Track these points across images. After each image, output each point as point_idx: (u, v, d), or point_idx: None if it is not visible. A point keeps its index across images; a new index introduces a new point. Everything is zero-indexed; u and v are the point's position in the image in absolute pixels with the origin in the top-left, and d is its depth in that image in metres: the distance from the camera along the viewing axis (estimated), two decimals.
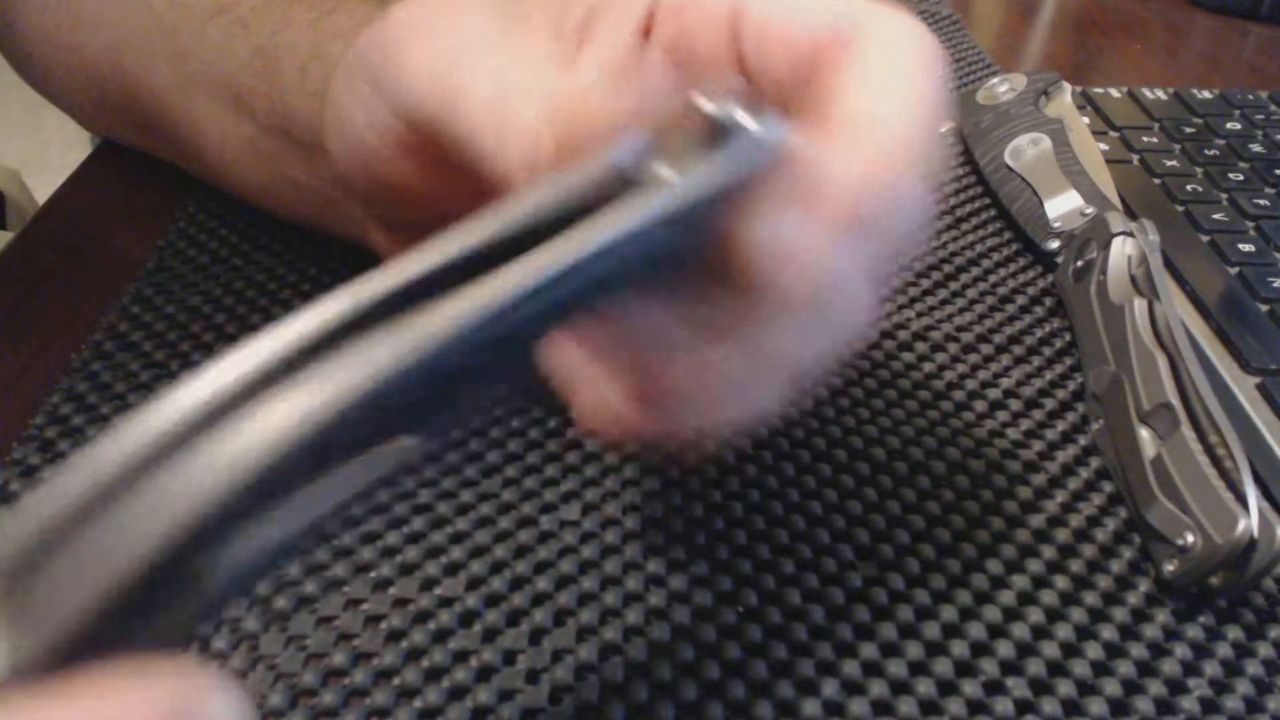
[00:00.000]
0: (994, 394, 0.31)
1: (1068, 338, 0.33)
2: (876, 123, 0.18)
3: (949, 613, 0.24)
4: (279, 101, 0.28)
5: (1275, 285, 0.34)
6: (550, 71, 0.19)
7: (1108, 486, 0.28)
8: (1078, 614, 0.24)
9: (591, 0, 0.22)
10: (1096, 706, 0.22)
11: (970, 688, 0.23)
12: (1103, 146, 0.41)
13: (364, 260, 0.18)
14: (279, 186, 0.30)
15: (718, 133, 0.15)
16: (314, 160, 0.28)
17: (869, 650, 0.23)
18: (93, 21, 0.33)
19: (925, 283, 0.35)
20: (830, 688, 0.22)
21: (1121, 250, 0.31)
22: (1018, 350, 0.33)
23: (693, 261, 0.17)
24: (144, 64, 0.32)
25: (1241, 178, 0.40)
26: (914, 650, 0.23)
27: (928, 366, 0.31)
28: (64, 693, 0.10)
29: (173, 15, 0.31)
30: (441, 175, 0.23)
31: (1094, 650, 0.23)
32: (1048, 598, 0.25)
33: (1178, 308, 0.29)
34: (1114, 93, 0.46)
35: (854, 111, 0.19)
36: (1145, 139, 0.43)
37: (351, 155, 0.24)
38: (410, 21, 0.21)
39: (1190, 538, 0.24)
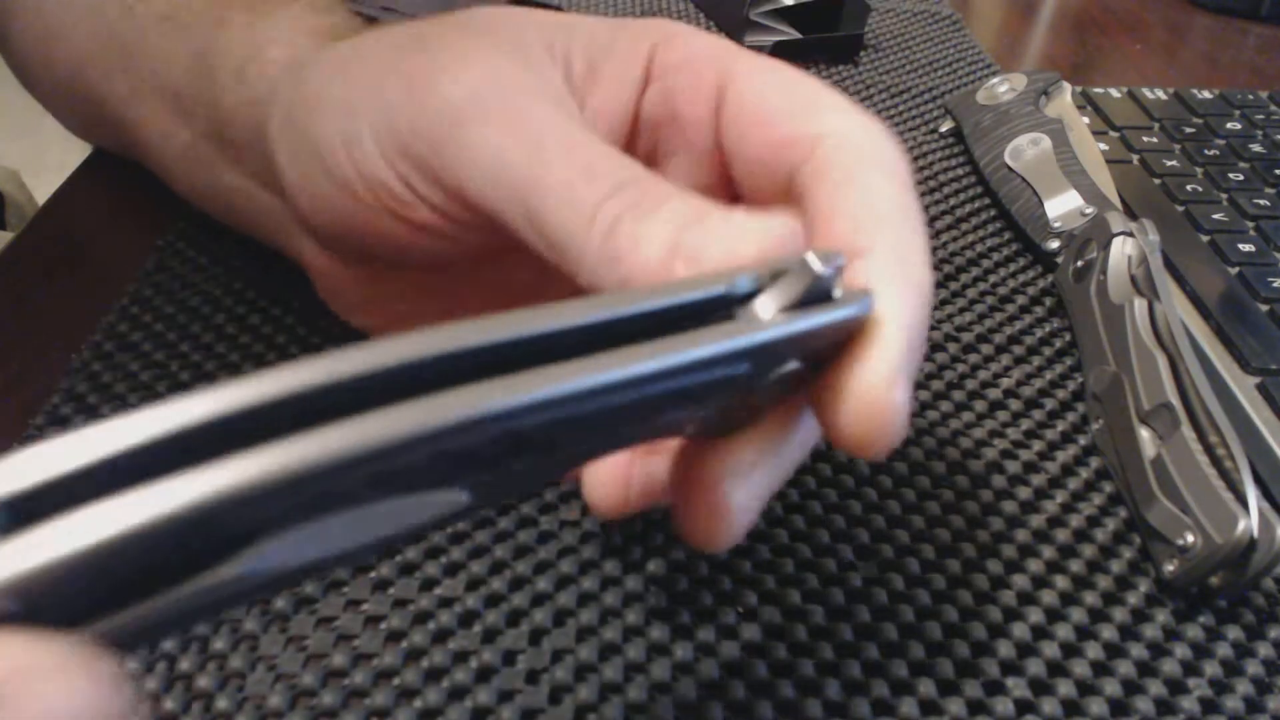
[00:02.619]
0: (994, 394, 0.31)
1: (1068, 338, 0.33)
2: (901, 258, 0.19)
3: (949, 613, 0.24)
4: (213, 105, 0.27)
5: (1275, 285, 0.34)
6: (609, 161, 0.19)
7: (1108, 486, 0.28)
8: (1078, 614, 0.24)
9: (587, 53, 0.22)
10: (1096, 706, 0.22)
11: (970, 688, 0.23)
12: (1103, 146, 0.41)
13: None
14: (215, 193, 0.30)
15: (818, 292, 0.16)
16: (245, 165, 0.27)
17: (870, 650, 0.23)
18: (59, 32, 0.33)
19: None
20: (831, 688, 0.22)
21: (1121, 250, 0.31)
22: (1018, 350, 0.33)
23: (746, 389, 0.17)
24: (102, 74, 0.32)
25: (1241, 178, 0.40)
26: (915, 650, 0.23)
27: (928, 366, 0.31)
28: None
29: (123, 25, 0.31)
30: (443, 240, 0.22)
31: (1094, 650, 0.23)
32: (1048, 598, 0.25)
33: (1178, 308, 0.29)
34: (1114, 93, 0.47)
35: (876, 248, 0.19)
36: (1145, 139, 0.43)
37: (325, 206, 0.23)
38: (462, 105, 0.20)
39: (1190, 538, 0.24)
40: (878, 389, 0.17)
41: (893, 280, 0.18)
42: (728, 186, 0.23)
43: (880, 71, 0.49)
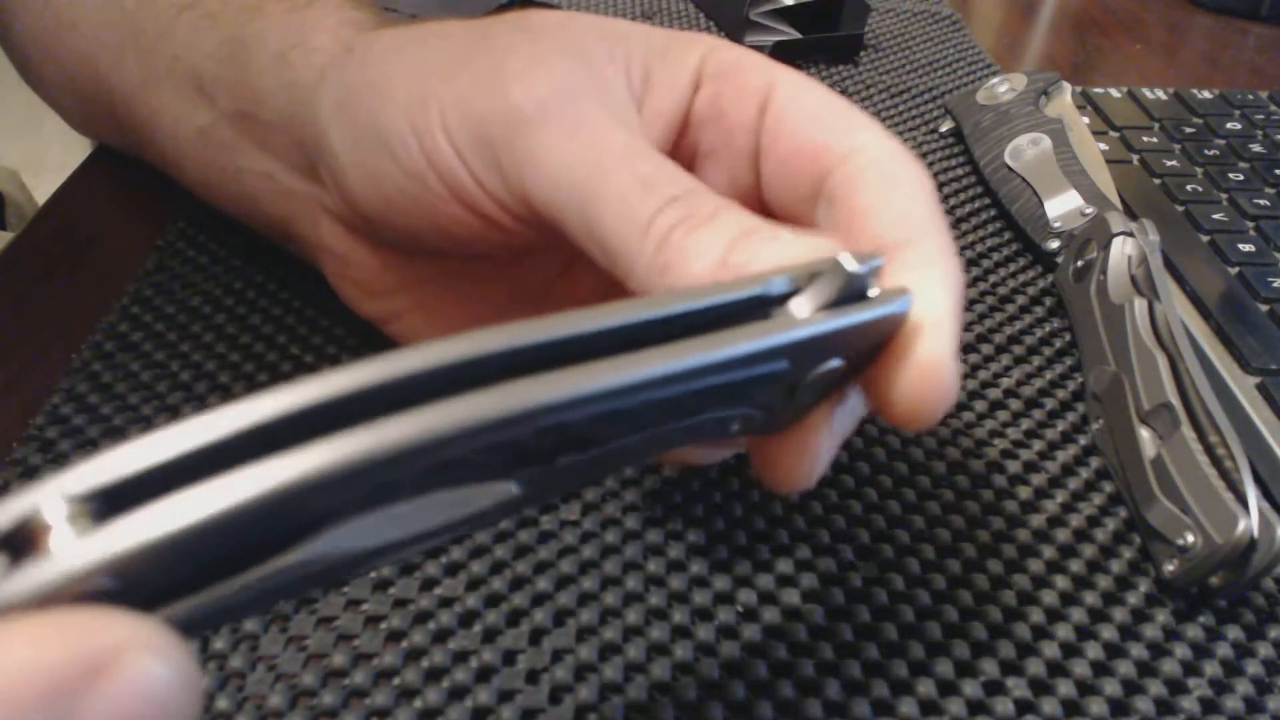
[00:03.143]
0: (994, 394, 0.31)
1: (1068, 338, 0.33)
2: (934, 263, 0.20)
3: (949, 613, 0.24)
4: (245, 85, 0.28)
5: (1275, 285, 0.34)
6: (668, 175, 0.20)
7: (1108, 486, 0.28)
8: (1078, 614, 0.24)
9: (644, 59, 0.23)
10: (1096, 706, 0.22)
11: (970, 688, 0.23)
12: (1103, 146, 0.41)
13: None
14: (226, 178, 0.30)
15: (853, 291, 0.17)
16: (273, 146, 0.28)
17: (870, 650, 0.23)
18: (70, 24, 0.33)
19: None
20: (831, 688, 0.22)
21: (1121, 250, 0.31)
22: (1018, 350, 0.33)
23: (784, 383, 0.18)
24: (114, 64, 0.32)
25: (1241, 178, 0.40)
26: (915, 650, 0.23)
27: None
28: None
29: (142, 13, 0.31)
30: (498, 234, 0.23)
31: (1094, 650, 0.24)
32: (1048, 598, 0.25)
33: (1178, 308, 0.29)
34: (1114, 93, 0.47)
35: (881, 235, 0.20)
36: (1145, 139, 0.43)
37: (380, 192, 0.24)
38: (528, 103, 0.21)
39: (1190, 538, 0.24)
40: (940, 356, 0.18)
41: (938, 266, 0.19)
42: (759, 188, 0.23)
43: (880, 71, 0.49)
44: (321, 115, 0.25)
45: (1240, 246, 0.36)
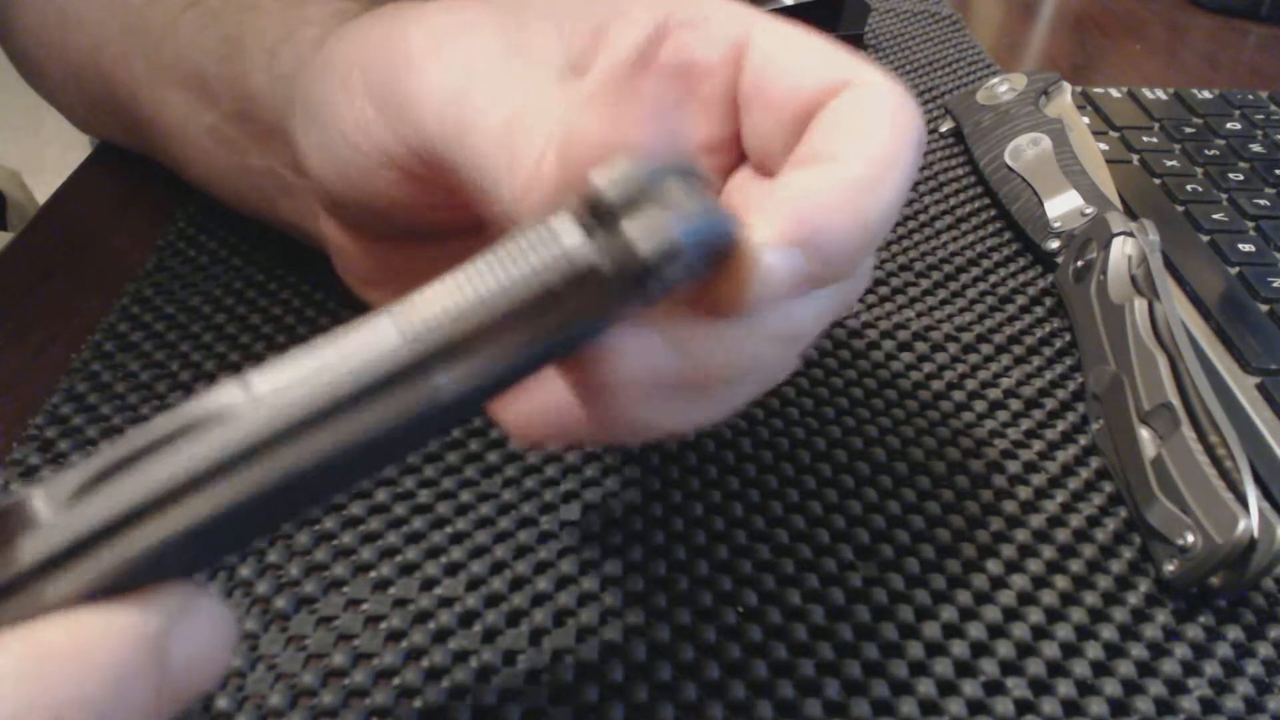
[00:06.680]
0: (994, 394, 0.31)
1: (1068, 338, 0.33)
2: (844, 162, 0.18)
3: (949, 613, 0.24)
4: (240, 83, 0.28)
5: (1275, 285, 0.34)
6: (555, 101, 0.19)
7: (1108, 486, 0.28)
8: (1078, 614, 0.24)
9: (595, 20, 0.22)
10: (1096, 706, 0.22)
11: (970, 688, 0.23)
12: (1103, 146, 0.41)
13: None
14: (233, 175, 0.30)
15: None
16: (271, 143, 0.28)
17: (870, 650, 0.23)
18: (76, 20, 0.33)
19: (925, 283, 0.35)
20: (831, 688, 0.22)
21: (1121, 250, 0.31)
22: (1018, 350, 0.33)
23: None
24: (120, 60, 0.32)
25: (1241, 178, 0.40)
26: (914, 650, 0.23)
27: (928, 366, 0.31)
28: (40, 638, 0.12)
29: (148, 11, 0.31)
30: (433, 195, 0.23)
31: (1094, 650, 0.23)
32: (1048, 598, 0.25)
33: (1178, 308, 0.29)
34: (1114, 93, 0.47)
35: (820, 151, 0.19)
36: (1145, 139, 0.43)
37: (333, 166, 0.24)
38: (419, 43, 0.21)
39: (1190, 538, 0.24)
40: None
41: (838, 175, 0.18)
42: (737, 140, 0.22)
43: None
44: (294, 104, 0.25)
45: (1240, 246, 0.36)
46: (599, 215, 0.15)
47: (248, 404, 0.14)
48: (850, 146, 0.18)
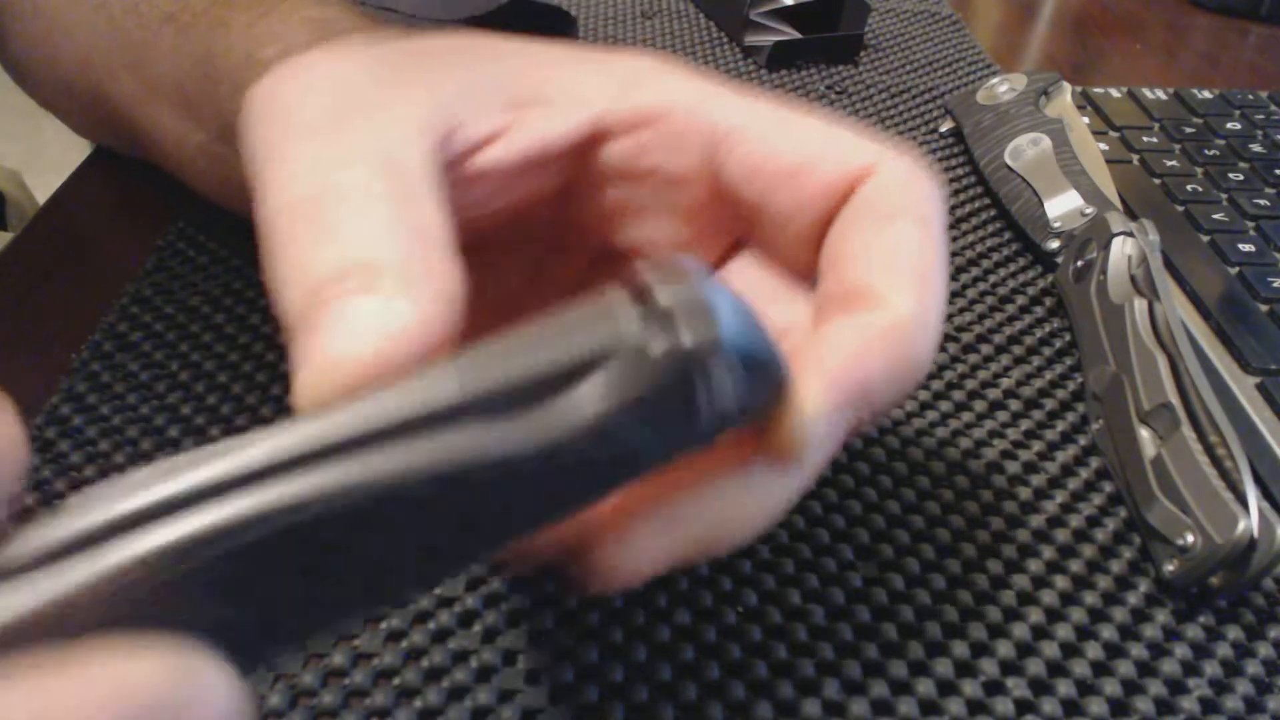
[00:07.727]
0: (994, 394, 0.31)
1: (1068, 338, 0.33)
2: (892, 307, 0.18)
3: (949, 613, 0.24)
4: (218, 105, 0.27)
5: (1275, 285, 0.34)
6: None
7: (1108, 486, 0.28)
8: (1078, 614, 0.24)
9: (512, 97, 0.20)
10: (1096, 706, 0.22)
11: (970, 688, 0.23)
12: (1103, 146, 0.41)
13: None
14: (231, 188, 0.30)
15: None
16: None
17: (870, 650, 0.23)
18: (64, 30, 0.33)
19: None
20: (831, 688, 0.22)
21: (1121, 250, 0.31)
22: (1018, 350, 0.33)
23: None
24: (108, 72, 0.32)
25: (1241, 178, 0.40)
26: (914, 650, 0.23)
27: None
28: (54, 670, 0.11)
29: (128, 23, 0.31)
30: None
31: (1094, 650, 0.23)
32: (1048, 598, 0.25)
33: (1178, 308, 0.29)
34: (1114, 93, 0.47)
35: (863, 288, 0.18)
36: (1145, 139, 0.43)
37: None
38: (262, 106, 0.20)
39: (1190, 538, 0.24)
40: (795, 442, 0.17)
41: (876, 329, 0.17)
42: (717, 235, 0.22)
43: (880, 71, 0.49)
44: None
45: (1240, 246, 0.36)
46: (654, 313, 0.15)
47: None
48: (893, 281, 0.18)
